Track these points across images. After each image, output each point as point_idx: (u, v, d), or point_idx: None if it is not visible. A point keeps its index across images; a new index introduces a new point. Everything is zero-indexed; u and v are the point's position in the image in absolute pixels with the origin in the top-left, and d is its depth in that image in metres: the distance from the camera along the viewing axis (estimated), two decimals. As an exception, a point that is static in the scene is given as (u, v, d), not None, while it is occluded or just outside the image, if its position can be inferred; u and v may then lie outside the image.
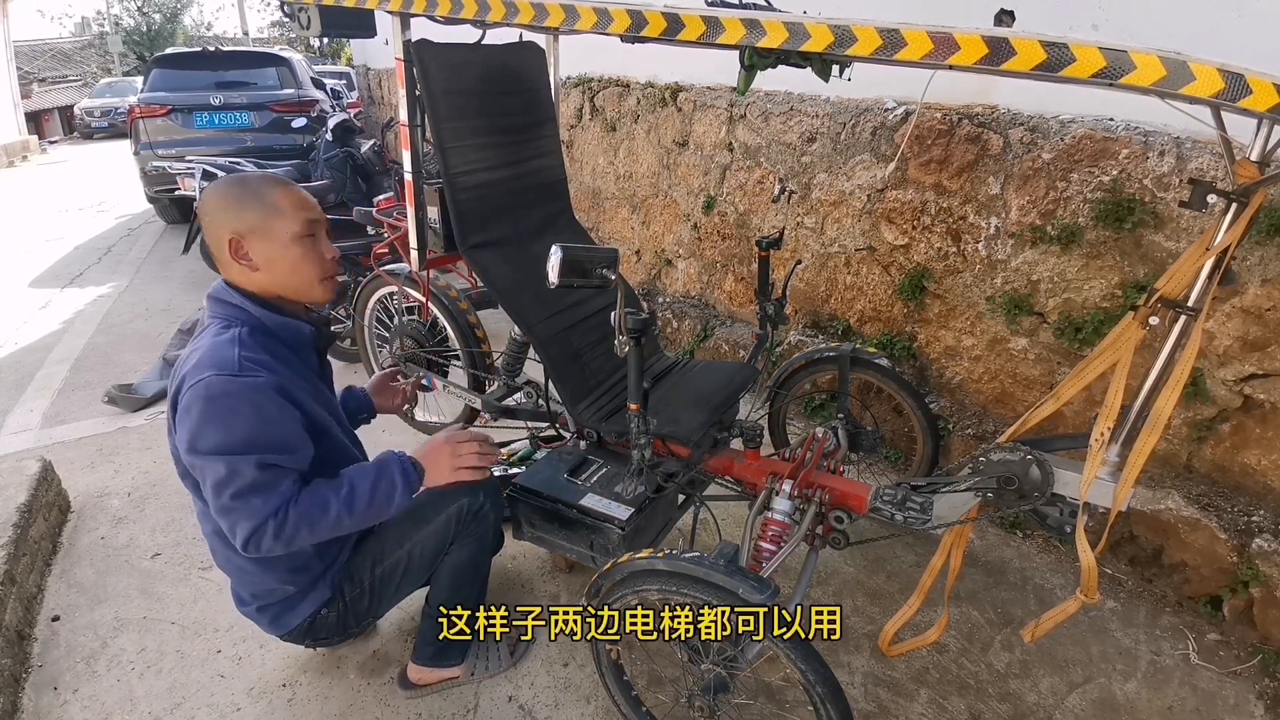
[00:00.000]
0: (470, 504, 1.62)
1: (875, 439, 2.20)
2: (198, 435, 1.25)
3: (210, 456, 1.25)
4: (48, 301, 4.98)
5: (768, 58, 1.28)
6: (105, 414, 3.24)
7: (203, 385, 1.24)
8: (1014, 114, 2.31)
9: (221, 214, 1.35)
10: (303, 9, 1.96)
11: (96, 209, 8.45)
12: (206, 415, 1.24)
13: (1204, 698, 1.77)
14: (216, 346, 1.29)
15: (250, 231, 1.35)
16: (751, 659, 1.39)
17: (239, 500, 1.26)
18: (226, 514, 1.28)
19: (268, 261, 1.37)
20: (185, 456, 1.30)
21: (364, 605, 1.60)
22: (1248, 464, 2.01)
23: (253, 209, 1.34)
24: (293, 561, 1.48)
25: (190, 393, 1.25)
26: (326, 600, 1.56)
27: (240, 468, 1.25)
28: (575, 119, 4.52)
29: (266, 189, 1.37)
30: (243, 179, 1.39)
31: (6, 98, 14.24)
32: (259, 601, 1.54)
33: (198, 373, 1.26)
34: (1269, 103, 0.89)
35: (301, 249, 1.38)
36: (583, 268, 1.31)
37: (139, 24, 26.73)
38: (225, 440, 1.25)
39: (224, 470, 1.25)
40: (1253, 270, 1.87)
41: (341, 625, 1.60)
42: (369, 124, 10.06)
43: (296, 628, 1.56)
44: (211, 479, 1.27)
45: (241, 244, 1.35)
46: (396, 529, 1.62)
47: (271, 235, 1.36)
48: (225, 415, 1.25)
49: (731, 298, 3.62)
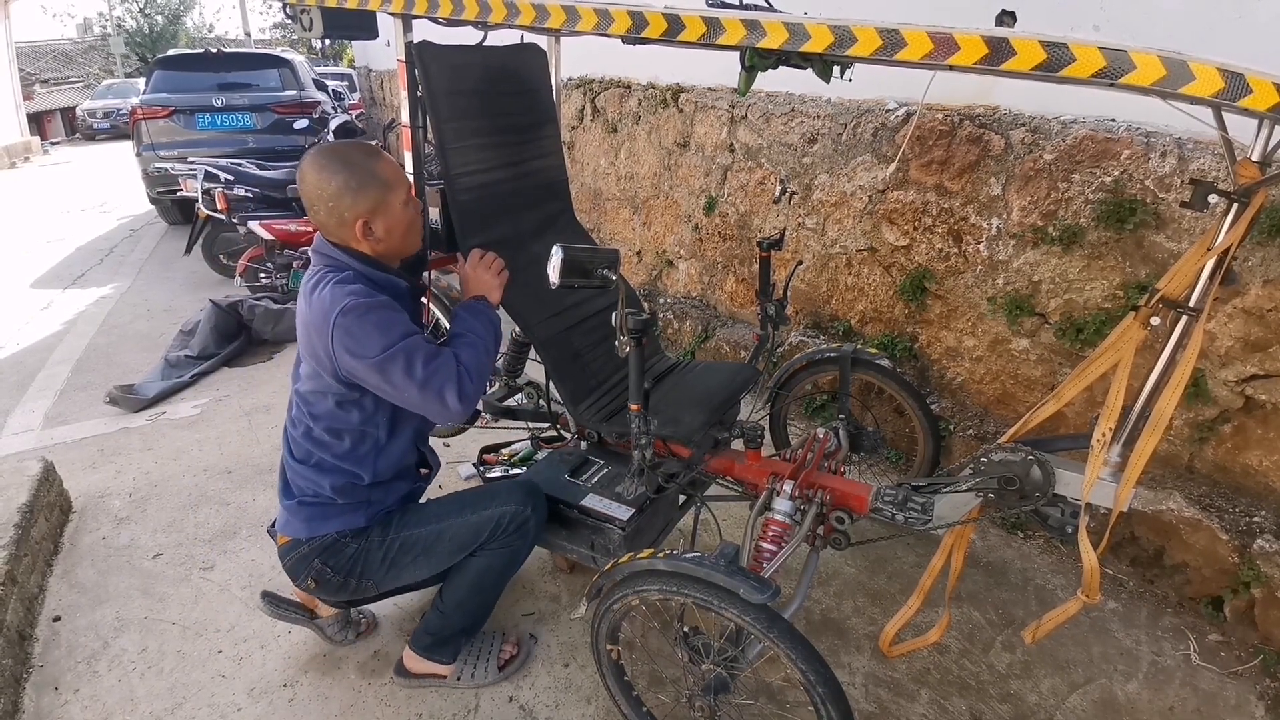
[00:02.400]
0: (518, 513, 1.64)
1: (876, 440, 2.20)
2: (364, 346, 1.38)
3: (383, 356, 1.38)
4: (49, 302, 4.99)
5: (768, 59, 1.28)
6: (107, 415, 3.25)
7: (349, 307, 1.38)
8: (1015, 115, 2.31)
9: (344, 199, 1.42)
10: (305, 11, 1.96)
11: (98, 210, 8.47)
12: (364, 328, 1.38)
13: (1205, 698, 1.77)
14: (343, 286, 1.42)
15: (374, 210, 1.44)
16: (752, 659, 1.39)
17: (430, 368, 1.41)
18: (428, 386, 1.41)
19: (388, 232, 1.48)
20: (362, 366, 1.40)
21: (377, 558, 1.61)
22: (1249, 465, 2.01)
23: (373, 189, 1.43)
24: (345, 480, 1.57)
25: (342, 320, 1.37)
26: (358, 528, 1.59)
27: (414, 345, 1.41)
28: (576, 120, 4.53)
29: (373, 164, 1.44)
30: (346, 156, 1.44)
31: (9, 99, 14.27)
32: (303, 496, 1.59)
33: (339, 303, 1.38)
34: (1269, 103, 0.89)
35: (411, 210, 1.52)
36: (584, 268, 1.31)
37: (141, 25, 26.80)
38: (391, 337, 1.39)
39: (402, 358, 1.39)
40: (1254, 271, 1.87)
41: (350, 566, 1.61)
42: (371, 125, 10.09)
43: (321, 538, 1.58)
44: (400, 368, 1.39)
45: (370, 224, 1.45)
46: (439, 505, 1.68)
47: (391, 210, 1.46)
48: (380, 323, 1.39)
49: (732, 298, 3.62)
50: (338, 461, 1.55)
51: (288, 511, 1.62)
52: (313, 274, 1.49)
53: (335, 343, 1.39)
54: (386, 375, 1.40)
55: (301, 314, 1.49)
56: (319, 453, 1.56)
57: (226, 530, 2.40)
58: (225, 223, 4.65)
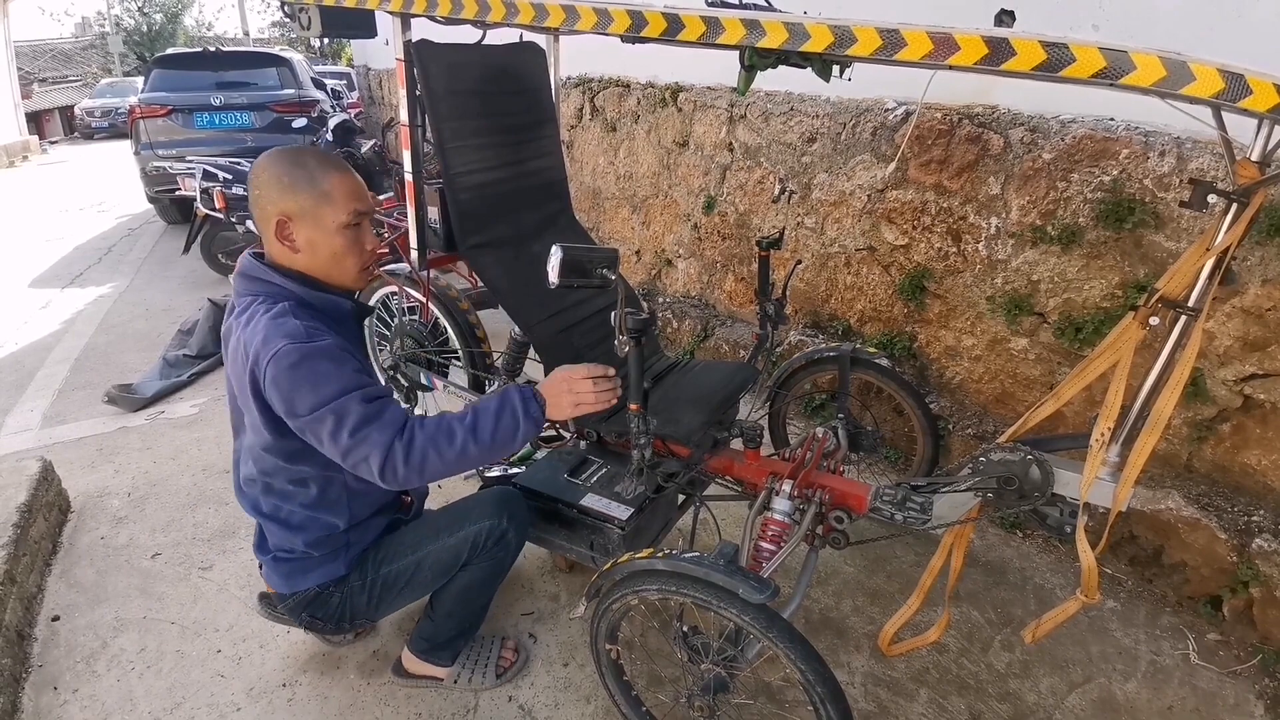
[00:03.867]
0: (493, 529, 1.61)
1: (875, 439, 2.20)
2: (294, 401, 1.27)
3: (314, 414, 1.27)
4: (48, 301, 4.98)
5: (768, 58, 1.28)
6: (105, 414, 3.25)
7: (282, 355, 1.26)
8: (1014, 114, 2.31)
9: (273, 190, 1.34)
10: (303, 9, 1.96)
11: (97, 209, 8.46)
12: (295, 381, 1.26)
13: (1204, 697, 1.77)
14: (277, 320, 1.30)
15: (299, 214, 1.34)
16: (751, 659, 1.39)
17: (357, 436, 1.26)
18: (353, 454, 1.27)
19: (310, 245, 1.37)
20: (293, 424, 1.30)
21: (362, 601, 1.59)
22: (1248, 464, 2.01)
23: (305, 192, 1.33)
24: (320, 532, 1.50)
25: (272, 366, 1.26)
26: (339, 578, 1.55)
27: (345, 408, 1.26)
28: (575, 119, 4.53)
29: (321, 172, 1.35)
30: (300, 156, 1.37)
31: (7, 98, 14.23)
32: (279, 552, 1.53)
33: (271, 347, 1.27)
34: (1269, 103, 0.89)
35: (345, 239, 1.38)
36: (583, 268, 1.31)
37: (139, 24, 26.74)
38: (321, 395, 1.26)
39: (332, 419, 1.26)
40: (1253, 270, 1.87)
41: (339, 614, 1.58)
42: (369, 124, 10.07)
43: (303, 593, 1.54)
44: (327, 432, 1.27)
45: (288, 225, 1.35)
46: (414, 534, 1.62)
47: (320, 222, 1.35)
48: (312, 375, 1.27)
49: (732, 298, 3.62)
50: (309, 512, 1.47)
51: (265, 565, 1.58)
52: (241, 305, 1.37)
53: (266, 391, 1.30)
54: (314, 434, 1.29)
55: (229, 355, 1.37)
56: (286, 505, 1.47)
57: (225, 530, 2.39)
58: (224, 221, 4.65)
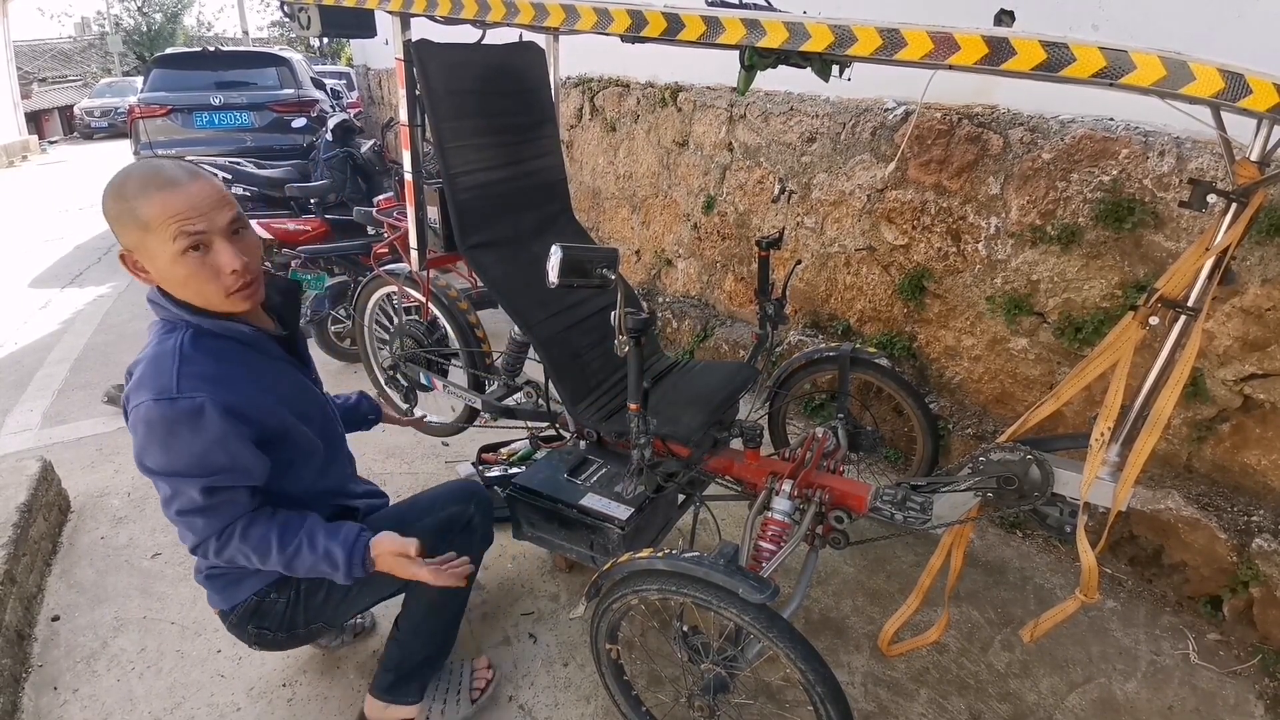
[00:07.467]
0: (459, 514, 1.56)
1: (875, 439, 2.20)
2: (143, 454, 1.22)
3: (155, 475, 1.24)
4: (47, 301, 4.98)
5: (768, 58, 1.28)
6: (105, 414, 3.24)
7: (142, 409, 1.19)
8: (1014, 114, 2.31)
9: (108, 223, 1.22)
10: (303, 9, 1.96)
11: (97, 209, 8.41)
12: (148, 438, 1.20)
13: (1204, 697, 1.77)
14: (157, 361, 1.22)
15: (134, 248, 1.21)
16: (751, 659, 1.39)
17: (183, 518, 1.27)
18: (176, 524, 1.30)
19: (160, 276, 1.23)
20: (136, 466, 1.26)
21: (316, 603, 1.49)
22: (1247, 464, 2.01)
23: (127, 225, 1.18)
24: None
25: (133, 414, 1.20)
26: (275, 580, 1.45)
27: (183, 489, 1.23)
28: (575, 119, 4.52)
29: (140, 198, 1.16)
30: (121, 183, 1.19)
31: (6, 98, 14.23)
32: (210, 571, 1.46)
33: (138, 394, 1.20)
34: (1269, 103, 0.89)
35: (186, 266, 1.19)
36: (583, 268, 1.31)
37: (139, 24, 26.75)
38: (168, 463, 1.21)
39: (168, 490, 1.24)
40: (1253, 270, 1.87)
41: (289, 621, 1.48)
42: (369, 124, 10.07)
43: (243, 603, 1.46)
44: (160, 494, 1.27)
45: (132, 258, 1.22)
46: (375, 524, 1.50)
47: (152, 255, 1.19)
48: (166, 440, 1.19)
49: (731, 297, 3.62)
50: None
51: (202, 585, 1.50)
52: (152, 328, 1.30)
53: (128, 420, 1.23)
54: (153, 484, 1.26)
55: None
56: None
57: (225, 530, 2.39)
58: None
